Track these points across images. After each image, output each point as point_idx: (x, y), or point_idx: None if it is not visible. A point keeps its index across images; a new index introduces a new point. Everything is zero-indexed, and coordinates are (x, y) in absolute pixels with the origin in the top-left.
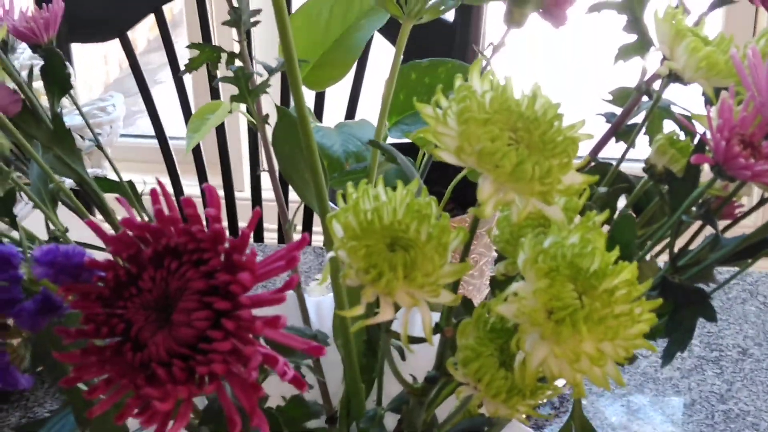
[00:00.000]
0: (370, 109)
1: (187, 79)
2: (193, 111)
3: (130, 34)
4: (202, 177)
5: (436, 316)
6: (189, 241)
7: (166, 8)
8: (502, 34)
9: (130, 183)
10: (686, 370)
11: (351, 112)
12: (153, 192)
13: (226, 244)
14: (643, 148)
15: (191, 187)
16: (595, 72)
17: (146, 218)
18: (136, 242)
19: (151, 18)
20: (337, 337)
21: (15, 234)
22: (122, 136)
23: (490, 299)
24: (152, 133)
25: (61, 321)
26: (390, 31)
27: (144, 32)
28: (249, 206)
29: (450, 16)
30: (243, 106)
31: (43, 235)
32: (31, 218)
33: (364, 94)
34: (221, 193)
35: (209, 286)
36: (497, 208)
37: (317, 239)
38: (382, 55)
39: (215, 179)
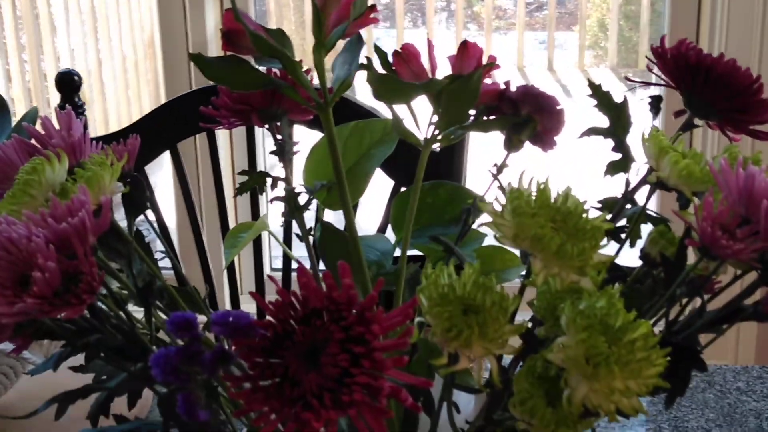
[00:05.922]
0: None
1: None
2: None
3: None
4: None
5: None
6: (330, 304)
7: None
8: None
9: (194, 288)
10: None
11: None
12: (300, 268)
13: (358, 305)
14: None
15: None
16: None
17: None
18: (287, 307)
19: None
20: None
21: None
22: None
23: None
24: None
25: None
26: (385, 163)
27: None
28: None
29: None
30: (271, 227)
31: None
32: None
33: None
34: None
35: (347, 336)
36: (545, 280)
37: None
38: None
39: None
